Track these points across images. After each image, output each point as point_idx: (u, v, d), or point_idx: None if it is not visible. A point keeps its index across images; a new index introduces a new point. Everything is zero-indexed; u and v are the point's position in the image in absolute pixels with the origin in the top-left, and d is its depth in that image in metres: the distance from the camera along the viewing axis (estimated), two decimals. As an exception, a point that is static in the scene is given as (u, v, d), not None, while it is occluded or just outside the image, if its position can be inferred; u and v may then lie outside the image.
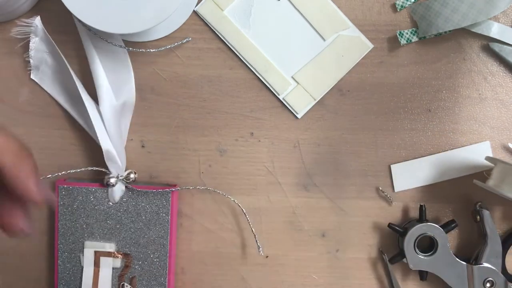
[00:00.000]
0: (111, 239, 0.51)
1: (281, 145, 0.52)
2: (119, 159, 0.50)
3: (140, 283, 0.51)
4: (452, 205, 0.53)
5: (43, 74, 0.52)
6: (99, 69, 0.50)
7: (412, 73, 0.52)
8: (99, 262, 0.51)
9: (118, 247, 0.51)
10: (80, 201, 0.51)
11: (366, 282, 0.53)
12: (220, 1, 0.51)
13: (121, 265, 0.51)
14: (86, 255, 0.51)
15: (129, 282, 0.51)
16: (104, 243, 0.51)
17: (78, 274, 0.51)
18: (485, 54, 0.51)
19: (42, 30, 0.50)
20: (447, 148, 0.52)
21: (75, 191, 0.51)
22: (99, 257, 0.51)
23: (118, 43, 0.50)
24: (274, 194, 0.53)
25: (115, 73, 0.51)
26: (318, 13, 0.51)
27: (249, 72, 0.52)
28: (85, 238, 0.51)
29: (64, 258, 0.51)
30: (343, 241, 0.53)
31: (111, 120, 0.49)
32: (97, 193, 0.51)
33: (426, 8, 0.50)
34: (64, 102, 0.52)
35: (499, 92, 0.52)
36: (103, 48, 0.50)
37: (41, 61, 0.51)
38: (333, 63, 0.51)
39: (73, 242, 0.51)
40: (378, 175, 0.52)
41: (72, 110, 0.52)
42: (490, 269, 0.49)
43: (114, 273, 0.51)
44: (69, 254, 0.51)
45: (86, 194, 0.51)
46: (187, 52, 0.52)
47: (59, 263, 0.51)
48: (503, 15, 0.51)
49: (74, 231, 0.51)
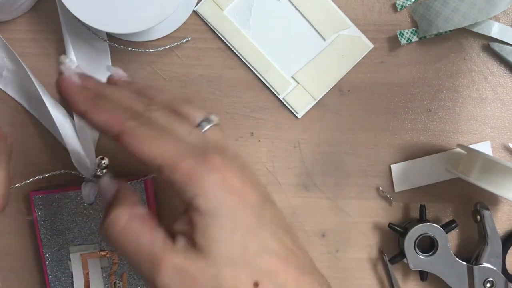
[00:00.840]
0: (94, 239, 0.51)
1: (281, 145, 0.52)
2: (88, 159, 0.49)
3: (131, 278, 0.51)
4: (452, 205, 0.53)
5: (7, 80, 0.51)
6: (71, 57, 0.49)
7: (412, 73, 0.52)
8: (87, 264, 0.51)
9: (102, 246, 0.51)
10: (57, 207, 0.50)
11: (366, 282, 0.53)
12: (220, 1, 0.51)
13: (109, 264, 0.51)
14: (73, 260, 0.51)
15: (120, 279, 0.51)
16: (88, 245, 0.51)
17: (69, 280, 0.51)
18: (485, 54, 0.51)
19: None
20: (447, 148, 0.52)
21: (50, 199, 0.50)
22: (86, 260, 0.51)
23: (102, 36, 0.50)
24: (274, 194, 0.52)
25: (92, 67, 0.50)
26: (318, 13, 0.51)
27: (249, 72, 0.52)
28: (69, 243, 0.51)
29: (52, 266, 0.51)
30: (343, 241, 0.53)
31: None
32: (72, 196, 0.50)
33: (426, 8, 0.49)
34: (28, 107, 0.52)
35: (500, 92, 0.52)
36: (87, 42, 0.50)
37: (2, 67, 0.51)
38: (333, 63, 0.51)
39: (58, 249, 0.51)
40: (378, 175, 0.52)
41: (37, 114, 0.51)
42: (490, 269, 0.49)
43: (104, 273, 0.51)
44: (56, 262, 0.51)
45: (61, 200, 0.50)
46: (187, 52, 0.52)
47: (48, 273, 0.51)
48: (503, 15, 0.51)
49: (57, 239, 0.51)
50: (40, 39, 0.52)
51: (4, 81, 0.51)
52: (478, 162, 0.47)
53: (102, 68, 0.50)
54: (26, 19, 0.52)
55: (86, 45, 0.50)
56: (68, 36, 0.50)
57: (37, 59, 0.52)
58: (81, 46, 0.50)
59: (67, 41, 0.50)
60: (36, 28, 0.52)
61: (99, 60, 0.51)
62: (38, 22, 0.52)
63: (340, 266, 0.53)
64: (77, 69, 0.36)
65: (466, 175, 0.48)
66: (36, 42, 0.52)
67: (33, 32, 0.52)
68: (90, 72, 0.38)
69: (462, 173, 0.48)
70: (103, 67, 0.49)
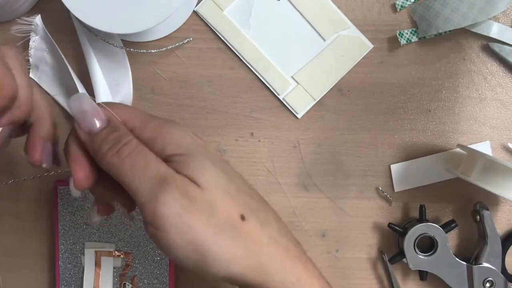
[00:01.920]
0: (111, 238, 0.51)
1: (281, 145, 0.52)
2: None
3: (141, 282, 0.51)
4: (452, 205, 0.53)
5: (42, 73, 0.52)
6: (95, 68, 0.50)
7: (412, 73, 0.52)
8: (100, 262, 0.51)
9: (118, 247, 0.51)
10: (80, 201, 0.51)
11: (366, 282, 0.53)
12: (220, 1, 0.51)
13: (122, 264, 0.51)
14: (87, 256, 0.51)
15: (130, 281, 0.51)
16: (104, 243, 0.51)
17: (79, 274, 0.51)
18: (485, 54, 0.51)
19: (43, 28, 0.50)
20: (447, 148, 0.52)
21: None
22: (100, 257, 0.51)
23: (117, 43, 0.50)
24: (274, 194, 0.53)
25: (112, 73, 0.51)
26: (318, 13, 0.51)
27: (249, 72, 0.52)
28: (85, 238, 0.51)
29: (65, 258, 0.51)
30: (343, 241, 0.53)
31: None
32: None
33: (426, 8, 0.50)
34: (62, 101, 0.52)
35: (499, 92, 0.52)
36: (101, 48, 0.50)
37: (41, 60, 0.51)
38: (333, 63, 0.51)
39: (74, 243, 0.51)
40: (378, 175, 0.52)
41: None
42: (490, 269, 0.49)
43: (115, 273, 0.51)
44: (70, 254, 0.51)
45: (85, 194, 0.51)
46: (187, 52, 0.52)
47: (60, 264, 0.51)
48: (503, 15, 0.51)
49: (74, 232, 0.51)
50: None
51: (40, 74, 0.52)
52: (478, 162, 0.47)
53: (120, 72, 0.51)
54: (26, 19, 0.52)
55: (105, 57, 0.51)
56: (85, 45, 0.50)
57: (37, 59, 0.52)
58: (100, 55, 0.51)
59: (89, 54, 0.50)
60: (36, 28, 0.52)
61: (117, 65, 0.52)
62: (38, 22, 0.52)
63: (340, 266, 0.53)
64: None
65: (466, 175, 0.48)
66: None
67: (33, 32, 0.52)
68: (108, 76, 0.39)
69: (462, 173, 0.48)
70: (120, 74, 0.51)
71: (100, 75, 0.50)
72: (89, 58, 0.50)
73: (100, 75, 0.50)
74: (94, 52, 0.50)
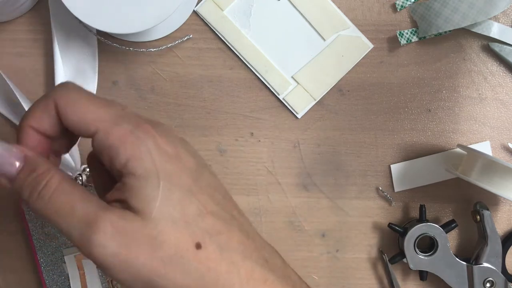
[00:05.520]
0: None
1: (281, 145, 0.52)
2: (72, 159, 0.49)
3: None
4: (452, 205, 0.53)
5: None
6: (58, 60, 0.49)
7: (412, 73, 0.52)
8: (82, 265, 0.51)
9: None
10: None
11: (366, 282, 0.53)
12: (220, 1, 0.51)
13: None
14: (68, 262, 0.51)
15: None
16: None
17: (66, 281, 0.51)
18: (485, 54, 0.51)
19: None
20: (447, 148, 0.52)
21: None
22: (80, 261, 0.51)
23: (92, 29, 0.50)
24: (274, 194, 0.53)
25: (79, 61, 0.50)
26: (318, 13, 0.51)
27: (249, 72, 0.52)
28: (62, 246, 0.51)
29: (48, 271, 0.51)
30: (343, 241, 0.53)
31: None
32: None
33: (426, 8, 0.50)
34: (7, 112, 0.51)
35: (499, 92, 0.52)
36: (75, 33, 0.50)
37: None
38: (333, 63, 0.51)
39: (52, 253, 0.51)
40: (378, 175, 0.52)
41: (13, 117, 0.51)
42: (490, 269, 0.49)
43: (99, 272, 0.51)
44: (52, 266, 0.51)
45: None
46: (187, 52, 0.52)
47: (44, 277, 0.51)
48: (503, 15, 0.51)
49: (50, 243, 0.51)
50: (40, 39, 0.52)
51: None
52: (478, 162, 0.47)
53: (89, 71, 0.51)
54: (26, 19, 0.52)
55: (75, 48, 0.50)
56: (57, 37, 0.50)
57: (37, 60, 0.52)
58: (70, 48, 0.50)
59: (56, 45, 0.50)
60: (36, 28, 0.52)
61: (87, 62, 0.51)
62: (38, 22, 0.52)
63: (340, 266, 0.53)
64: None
65: (466, 175, 0.48)
66: (36, 42, 0.52)
67: (33, 32, 0.52)
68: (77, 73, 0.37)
69: (462, 173, 0.48)
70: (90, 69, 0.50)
71: (61, 66, 0.49)
72: (56, 42, 0.49)
73: (60, 67, 0.49)
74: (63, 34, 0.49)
